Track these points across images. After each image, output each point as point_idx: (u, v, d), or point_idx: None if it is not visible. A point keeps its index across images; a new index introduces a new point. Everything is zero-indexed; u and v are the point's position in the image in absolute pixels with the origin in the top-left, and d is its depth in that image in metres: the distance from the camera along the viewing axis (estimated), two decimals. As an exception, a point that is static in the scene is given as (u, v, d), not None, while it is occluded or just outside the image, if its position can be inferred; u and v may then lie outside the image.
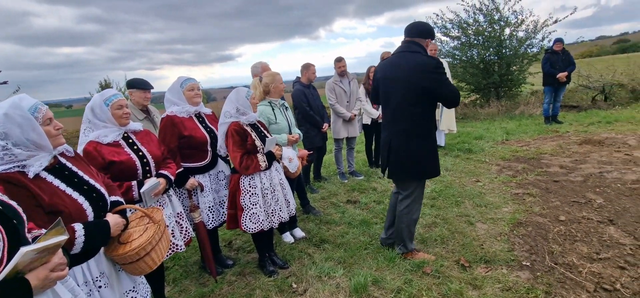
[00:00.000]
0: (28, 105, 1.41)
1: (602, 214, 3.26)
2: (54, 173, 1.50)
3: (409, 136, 2.65)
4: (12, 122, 1.35)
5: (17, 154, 1.37)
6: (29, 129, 1.38)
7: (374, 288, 2.54)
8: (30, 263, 1.05)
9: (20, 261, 1.00)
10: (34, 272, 1.05)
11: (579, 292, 2.30)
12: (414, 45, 2.66)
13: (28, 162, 1.40)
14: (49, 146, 1.45)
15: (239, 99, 2.67)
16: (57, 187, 1.48)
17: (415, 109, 2.60)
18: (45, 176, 1.46)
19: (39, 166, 1.42)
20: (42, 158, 1.44)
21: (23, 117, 1.37)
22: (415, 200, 2.81)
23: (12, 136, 1.36)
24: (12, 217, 1.10)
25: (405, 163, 2.70)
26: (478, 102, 11.05)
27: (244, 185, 2.63)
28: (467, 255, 2.84)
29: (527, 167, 4.85)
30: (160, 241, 1.78)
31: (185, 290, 2.83)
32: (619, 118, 7.19)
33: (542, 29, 10.05)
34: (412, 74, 2.56)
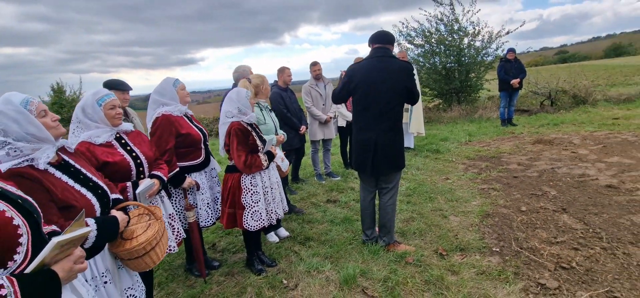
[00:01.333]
0: (19, 100, 1.39)
1: (556, 204, 3.66)
2: (60, 169, 1.50)
3: (395, 132, 2.88)
4: (7, 118, 1.34)
5: (22, 148, 1.36)
6: (25, 122, 1.37)
7: (362, 279, 2.68)
8: (55, 256, 1.07)
9: (49, 253, 1.02)
10: (59, 263, 1.07)
11: (542, 272, 2.59)
12: (387, 51, 2.91)
13: (34, 155, 1.39)
14: (50, 137, 1.45)
15: (240, 99, 2.70)
16: (66, 183, 1.48)
17: (399, 107, 2.85)
18: (53, 172, 1.46)
19: (47, 157, 1.42)
20: (48, 150, 1.44)
21: (17, 111, 1.36)
22: (397, 191, 3.08)
23: (11, 132, 1.34)
24: (32, 212, 1.11)
25: (392, 158, 2.91)
26: (441, 106, 11.71)
27: (245, 184, 2.67)
28: (444, 245, 3.08)
29: (489, 165, 5.27)
30: (162, 238, 1.80)
31: (172, 293, 2.80)
32: (564, 120, 7.99)
33: (496, 40, 10.91)
34: (398, 76, 2.80)
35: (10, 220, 0.99)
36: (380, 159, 2.91)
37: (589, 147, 5.62)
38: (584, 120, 7.75)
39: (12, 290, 0.90)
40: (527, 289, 2.42)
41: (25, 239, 1.04)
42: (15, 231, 0.99)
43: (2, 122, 1.33)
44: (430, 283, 2.58)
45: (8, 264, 0.98)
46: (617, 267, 2.55)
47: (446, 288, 2.50)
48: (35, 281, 0.97)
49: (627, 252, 2.70)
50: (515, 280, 2.51)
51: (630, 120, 7.20)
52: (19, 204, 1.07)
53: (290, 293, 2.61)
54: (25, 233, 1.04)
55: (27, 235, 1.05)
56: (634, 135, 5.96)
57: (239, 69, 3.73)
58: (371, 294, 2.52)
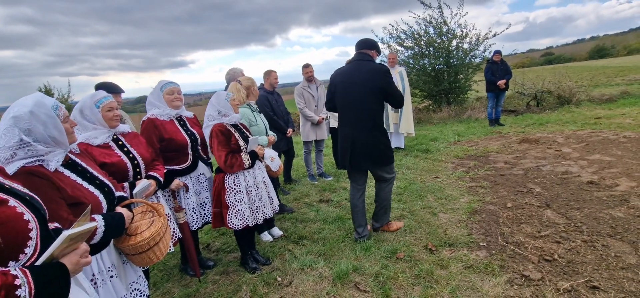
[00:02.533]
0: (50, 103, 1.44)
1: (540, 200, 3.80)
2: (69, 168, 1.54)
3: (374, 130, 3.10)
4: (37, 120, 1.39)
5: (39, 149, 1.41)
6: (51, 126, 1.42)
7: (355, 275, 2.76)
8: (63, 250, 1.12)
9: (59, 246, 1.07)
10: (67, 257, 1.12)
11: (526, 264, 2.70)
12: (366, 56, 3.18)
13: (47, 157, 1.44)
14: (66, 143, 1.50)
15: (219, 101, 2.78)
16: (75, 181, 1.53)
17: (376, 106, 3.09)
18: (62, 170, 1.51)
19: (57, 162, 1.47)
20: (59, 154, 1.49)
21: (48, 115, 1.42)
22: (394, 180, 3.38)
23: (35, 132, 1.40)
24: (39, 209, 1.16)
25: (374, 155, 3.13)
26: (431, 107, 11.90)
27: (229, 184, 2.73)
28: (434, 240, 3.18)
29: (477, 164, 5.41)
30: (165, 234, 1.85)
31: (168, 292, 2.84)
32: (549, 120, 8.22)
33: (483, 42, 11.16)
34: (372, 77, 3.04)
35: (22, 215, 1.04)
36: (358, 155, 3.13)
37: (572, 145, 5.81)
38: (568, 120, 7.99)
39: (26, 280, 0.95)
40: (512, 281, 2.53)
41: (35, 233, 1.08)
42: (27, 226, 1.04)
43: (31, 122, 1.38)
44: (420, 277, 2.67)
45: (20, 257, 1.02)
46: (596, 258, 2.68)
47: (435, 282, 2.59)
48: (46, 272, 1.02)
49: (606, 244, 2.83)
50: (501, 273, 2.62)
51: (611, 120, 7.45)
52: (27, 200, 1.11)
53: (285, 290, 2.67)
54: (35, 228, 1.09)
55: (36, 230, 1.10)
56: (615, 134, 6.18)
57: (230, 71, 3.78)
58: (363, 289, 2.59)
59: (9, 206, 1.04)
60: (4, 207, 1.03)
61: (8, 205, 1.04)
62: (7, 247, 1.01)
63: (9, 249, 1.01)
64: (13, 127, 1.34)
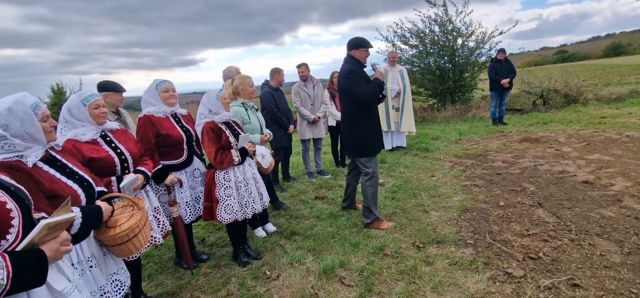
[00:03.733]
0: (30, 102, 1.54)
1: (533, 199, 3.80)
2: (48, 163, 1.64)
3: (349, 125, 3.51)
4: (14, 116, 1.48)
5: (16, 144, 1.50)
6: (28, 123, 1.51)
7: (341, 270, 2.82)
8: (43, 238, 1.21)
9: (38, 234, 1.16)
10: (46, 244, 1.21)
11: (510, 262, 2.73)
12: (347, 57, 3.48)
13: (25, 152, 1.54)
14: (43, 140, 1.59)
15: (210, 100, 2.88)
16: (54, 175, 1.62)
17: (347, 105, 3.48)
18: (41, 166, 1.60)
19: (35, 157, 1.56)
20: (37, 150, 1.58)
21: (25, 112, 1.51)
22: (374, 178, 3.54)
23: (12, 128, 1.49)
24: (23, 199, 1.25)
25: (350, 145, 3.58)
26: (435, 106, 11.84)
27: (219, 179, 2.82)
28: (422, 237, 3.21)
29: (475, 163, 5.41)
30: (145, 227, 1.94)
31: (161, 284, 2.94)
32: (554, 119, 8.12)
33: (489, 40, 11.05)
34: (340, 79, 3.47)
35: (4, 204, 1.13)
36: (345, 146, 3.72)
37: (573, 145, 5.75)
38: (573, 119, 7.88)
39: (4, 264, 1.05)
40: (494, 278, 2.55)
41: (17, 221, 1.17)
42: (8, 214, 1.13)
43: (8, 118, 1.48)
44: (404, 273, 2.71)
45: (1, 243, 1.12)
46: (581, 256, 2.69)
47: (419, 278, 2.63)
48: (24, 258, 1.11)
49: (593, 243, 2.83)
50: (485, 270, 2.65)
51: (617, 119, 7.32)
52: (11, 191, 1.21)
53: (272, 283, 2.75)
54: (17, 216, 1.18)
55: (19, 218, 1.19)
56: (618, 133, 6.09)
57: (225, 70, 3.88)
58: (348, 283, 2.65)
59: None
60: None
61: None
62: None
63: None
64: None
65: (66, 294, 1.24)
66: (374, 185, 3.53)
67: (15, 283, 1.06)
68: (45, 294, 1.18)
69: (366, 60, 3.48)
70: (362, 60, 3.46)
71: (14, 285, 1.05)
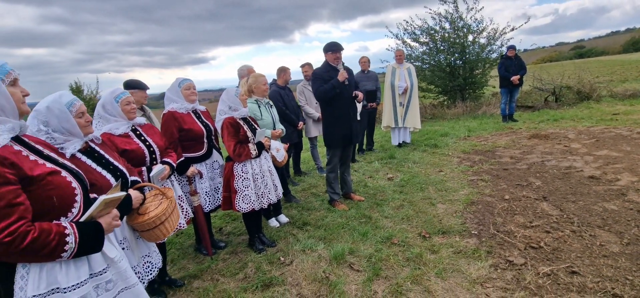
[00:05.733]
0: (66, 100, 1.76)
1: (538, 193, 3.90)
2: (86, 154, 1.86)
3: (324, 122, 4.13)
4: (52, 114, 1.71)
5: (57, 138, 1.73)
6: (64, 120, 1.74)
7: (350, 256, 3.00)
8: (100, 212, 1.42)
9: (97, 208, 1.37)
10: (102, 218, 1.42)
11: (512, 251, 2.86)
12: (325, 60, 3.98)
13: (65, 145, 1.76)
14: (80, 134, 1.81)
15: (229, 97, 3.08)
16: (90, 165, 1.84)
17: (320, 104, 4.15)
18: (80, 156, 1.82)
19: (74, 148, 1.78)
20: (75, 142, 1.80)
21: (60, 110, 1.73)
22: (331, 163, 4.15)
23: (52, 124, 1.72)
24: (82, 180, 1.47)
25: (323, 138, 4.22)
26: (445, 103, 11.87)
27: (237, 171, 3.03)
28: (428, 228, 3.37)
29: (483, 158, 5.51)
30: (172, 214, 2.15)
31: (183, 268, 3.18)
32: (565, 116, 8.10)
33: (501, 36, 11.02)
34: None
35: (70, 183, 1.35)
36: None
37: (582, 141, 5.78)
38: (584, 116, 7.86)
39: (73, 231, 1.27)
40: (496, 265, 2.70)
41: (80, 198, 1.39)
42: (73, 191, 1.35)
43: (48, 115, 1.71)
44: (410, 260, 2.88)
45: (68, 214, 1.34)
46: (581, 246, 2.80)
47: (424, 264, 2.79)
48: (87, 227, 1.34)
49: (594, 234, 2.94)
50: (487, 258, 2.79)
51: (629, 116, 7.28)
52: (74, 173, 1.42)
53: (286, 268, 2.95)
54: (80, 193, 1.40)
55: (80, 195, 1.41)
56: (629, 130, 6.09)
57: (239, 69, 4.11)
58: (356, 268, 2.83)
59: (62, 176, 1.35)
60: (58, 176, 1.34)
61: (61, 175, 1.35)
62: (60, 206, 1.32)
63: (61, 208, 1.33)
64: (34, 118, 1.67)
65: (117, 261, 1.46)
66: (334, 177, 4.17)
67: (80, 248, 1.27)
68: (101, 260, 1.40)
69: (336, 62, 3.90)
70: (330, 61, 3.92)
71: (79, 249, 1.27)
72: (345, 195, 4.36)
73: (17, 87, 1.35)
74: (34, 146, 1.41)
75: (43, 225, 1.22)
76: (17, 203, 1.17)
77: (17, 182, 1.19)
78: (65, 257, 1.26)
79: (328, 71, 3.90)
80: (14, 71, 1.33)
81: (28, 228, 1.17)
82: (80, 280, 1.31)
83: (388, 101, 6.61)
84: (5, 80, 1.29)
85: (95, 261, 1.38)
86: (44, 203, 1.27)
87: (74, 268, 1.30)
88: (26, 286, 1.23)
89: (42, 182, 1.27)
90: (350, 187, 4.40)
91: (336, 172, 4.20)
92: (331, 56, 3.91)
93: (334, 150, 4.12)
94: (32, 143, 1.43)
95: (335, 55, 3.90)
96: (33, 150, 1.38)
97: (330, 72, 3.88)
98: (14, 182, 1.18)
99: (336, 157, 4.14)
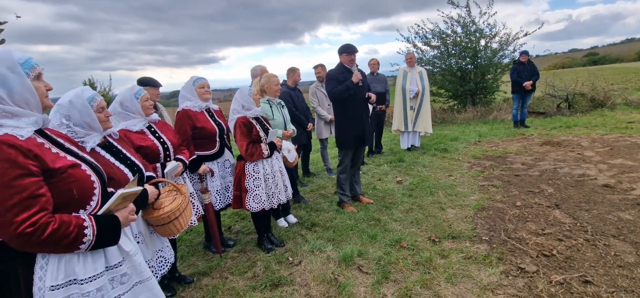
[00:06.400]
0: (88, 95, 1.80)
1: (550, 200, 3.84)
2: (105, 149, 1.89)
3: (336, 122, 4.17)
4: (74, 108, 1.75)
5: (78, 132, 1.76)
6: (85, 114, 1.77)
7: (359, 258, 2.99)
8: (117, 206, 1.44)
9: (114, 202, 1.40)
10: (119, 211, 1.45)
11: (524, 258, 2.82)
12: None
13: (85, 138, 1.79)
14: (99, 128, 1.85)
15: (243, 96, 3.10)
16: (109, 160, 1.87)
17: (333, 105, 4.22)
18: (99, 151, 1.86)
19: (93, 143, 1.81)
20: (95, 137, 1.83)
21: (82, 104, 1.77)
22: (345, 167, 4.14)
23: (73, 118, 1.75)
24: (101, 174, 1.49)
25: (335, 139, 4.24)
26: (455, 107, 11.78)
27: (249, 170, 3.05)
28: (438, 232, 3.34)
29: (494, 164, 5.45)
30: (186, 210, 2.17)
31: (193, 264, 3.20)
32: (578, 123, 7.97)
33: (513, 41, 10.90)
34: None
35: (89, 176, 1.38)
36: None
37: (596, 149, 5.68)
38: (598, 124, 7.72)
39: (91, 224, 1.29)
40: (507, 272, 2.66)
41: (98, 191, 1.42)
42: (92, 185, 1.38)
43: (70, 109, 1.75)
44: (420, 264, 2.86)
45: (86, 207, 1.36)
46: (595, 256, 2.75)
47: (433, 269, 2.77)
48: (105, 220, 1.36)
49: (608, 244, 2.88)
50: (498, 264, 2.76)
51: (645, 124, 7.14)
52: (93, 167, 1.45)
53: (295, 268, 2.96)
54: (98, 187, 1.42)
55: (99, 189, 1.43)
56: (645, 139, 5.96)
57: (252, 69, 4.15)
58: (365, 271, 2.82)
59: (82, 169, 1.38)
60: (78, 169, 1.37)
61: (81, 168, 1.38)
62: (79, 198, 1.35)
63: (80, 200, 1.35)
64: (56, 112, 1.70)
65: (132, 255, 1.48)
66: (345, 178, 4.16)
67: (98, 240, 1.30)
68: (117, 253, 1.42)
69: (350, 64, 3.93)
70: (345, 63, 3.95)
71: (97, 241, 1.29)
72: (354, 197, 4.35)
73: (42, 82, 1.36)
74: (56, 139, 1.44)
75: (63, 216, 1.24)
76: (39, 195, 1.20)
77: (39, 174, 1.22)
78: (83, 249, 1.28)
79: (342, 72, 3.91)
80: (38, 66, 1.34)
81: (49, 220, 1.20)
82: (97, 272, 1.34)
83: (398, 104, 6.59)
84: (30, 75, 1.30)
85: (111, 254, 1.40)
86: (64, 195, 1.29)
87: (91, 261, 1.33)
88: (45, 276, 1.26)
89: (63, 175, 1.29)
90: (360, 189, 4.39)
91: (347, 173, 4.19)
92: (346, 58, 3.94)
93: (346, 151, 4.12)
94: (54, 136, 1.46)
95: (350, 57, 3.92)
96: (55, 143, 1.41)
97: (345, 73, 3.89)
98: (37, 173, 1.21)
99: (348, 158, 4.14)
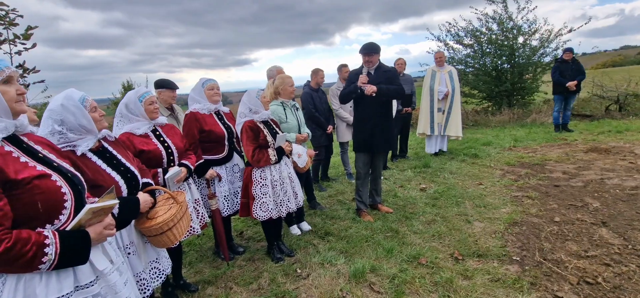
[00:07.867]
0: (78, 96, 1.71)
1: (596, 217, 3.39)
2: (97, 154, 1.80)
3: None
4: (68, 111, 1.66)
5: (70, 137, 1.68)
6: (80, 116, 1.68)
7: (372, 275, 2.76)
8: (89, 220, 1.33)
9: (83, 217, 1.28)
10: (92, 227, 1.33)
11: (562, 284, 2.46)
12: None
13: (77, 142, 1.71)
14: (95, 130, 1.76)
15: (250, 99, 2.96)
16: (100, 166, 1.78)
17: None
18: (90, 156, 1.77)
19: (86, 146, 1.72)
20: (89, 140, 1.74)
21: (76, 106, 1.68)
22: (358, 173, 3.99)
23: (67, 122, 1.67)
24: (77, 184, 1.39)
25: None
26: (490, 109, 11.09)
27: (256, 177, 2.91)
28: (462, 249, 3.03)
29: (530, 172, 4.96)
30: (182, 220, 2.05)
31: (200, 271, 3.11)
32: (630, 128, 7.17)
33: (556, 38, 10.08)
34: None
35: (60, 188, 1.27)
36: None
37: (652, 157, 5.03)
38: (655, 128, 6.90)
39: (54, 241, 1.18)
40: (541, 300, 2.32)
41: (70, 204, 1.31)
42: (63, 197, 1.27)
43: (63, 113, 1.66)
44: (438, 285, 2.58)
45: (55, 222, 1.26)
46: (651, 287, 2.34)
47: (454, 291, 2.48)
48: (71, 236, 1.24)
49: (667, 273, 2.45)
50: (530, 291, 2.42)
51: None
52: (68, 177, 1.35)
53: (302, 282, 2.78)
54: (70, 199, 1.31)
55: (71, 201, 1.32)
56: None
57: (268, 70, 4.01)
58: (377, 290, 2.59)
59: (51, 180, 1.27)
60: (47, 180, 1.26)
61: (51, 179, 1.28)
62: (45, 212, 1.24)
63: (47, 214, 1.25)
64: (48, 119, 1.62)
65: (106, 274, 1.36)
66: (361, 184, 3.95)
67: (61, 259, 1.18)
68: (89, 272, 1.31)
69: (367, 65, 3.75)
70: (364, 64, 3.80)
71: (60, 260, 1.18)
72: (372, 205, 4.10)
73: (13, 85, 1.27)
74: (32, 147, 1.35)
75: (21, 233, 1.14)
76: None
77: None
78: (44, 269, 1.18)
79: (358, 74, 3.71)
80: (8, 68, 1.25)
81: (2, 237, 1.09)
82: (63, 294, 1.23)
83: (425, 106, 6.22)
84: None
85: (82, 273, 1.29)
86: (28, 208, 1.19)
87: (56, 281, 1.22)
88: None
89: (28, 186, 1.19)
90: (379, 198, 4.13)
91: (362, 179, 3.96)
92: (362, 59, 3.79)
93: (357, 155, 3.98)
94: (32, 143, 1.38)
95: (364, 58, 3.74)
96: (28, 151, 1.31)
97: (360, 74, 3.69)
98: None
99: (361, 162, 3.94)
